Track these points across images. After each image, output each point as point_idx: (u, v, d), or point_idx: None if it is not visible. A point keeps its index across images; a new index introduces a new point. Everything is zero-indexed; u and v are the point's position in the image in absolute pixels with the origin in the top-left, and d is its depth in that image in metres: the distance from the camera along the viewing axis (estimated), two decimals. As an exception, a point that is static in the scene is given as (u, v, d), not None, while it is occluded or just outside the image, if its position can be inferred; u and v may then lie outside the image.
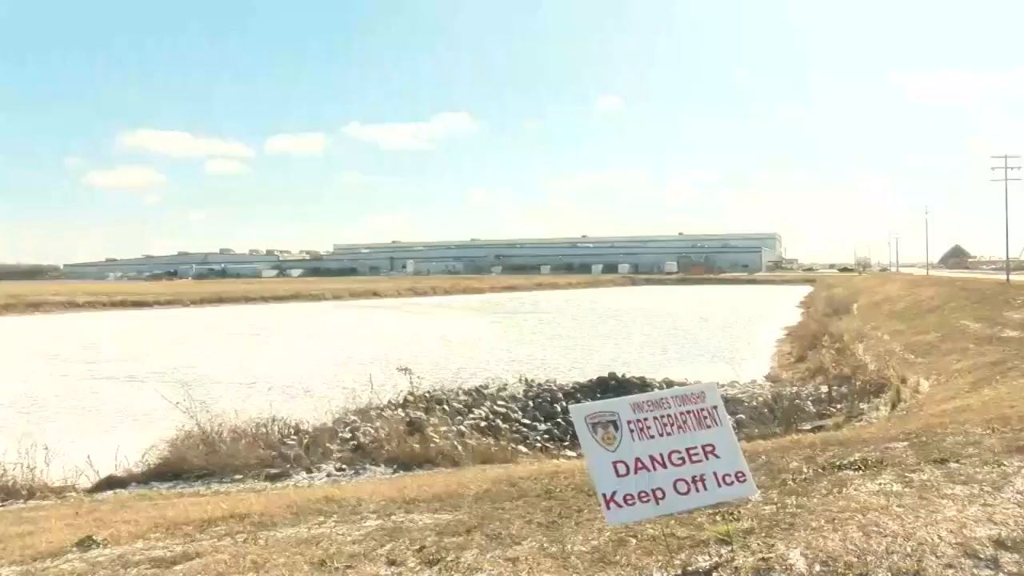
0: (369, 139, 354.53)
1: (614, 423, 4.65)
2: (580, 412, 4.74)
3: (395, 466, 13.58)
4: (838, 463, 6.50)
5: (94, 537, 6.18)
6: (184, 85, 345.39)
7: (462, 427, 15.11)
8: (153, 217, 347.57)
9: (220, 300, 78.55)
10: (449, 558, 4.84)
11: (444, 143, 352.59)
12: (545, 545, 4.97)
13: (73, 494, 12.13)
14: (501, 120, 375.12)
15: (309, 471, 13.48)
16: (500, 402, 18.26)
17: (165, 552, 5.63)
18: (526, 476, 7.76)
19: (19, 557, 5.97)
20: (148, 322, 55.32)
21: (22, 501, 11.48)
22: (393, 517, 6.19)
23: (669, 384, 19.95)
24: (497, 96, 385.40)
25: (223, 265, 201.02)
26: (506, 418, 17.05)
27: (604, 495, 4.43)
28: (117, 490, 12.51)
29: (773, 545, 4.59)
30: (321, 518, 6.40)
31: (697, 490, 4.57)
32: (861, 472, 6.17)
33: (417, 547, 5.13)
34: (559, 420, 17.13)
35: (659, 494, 4.49)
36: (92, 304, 71.18)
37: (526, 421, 17.30)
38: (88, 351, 36.02)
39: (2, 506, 11.14)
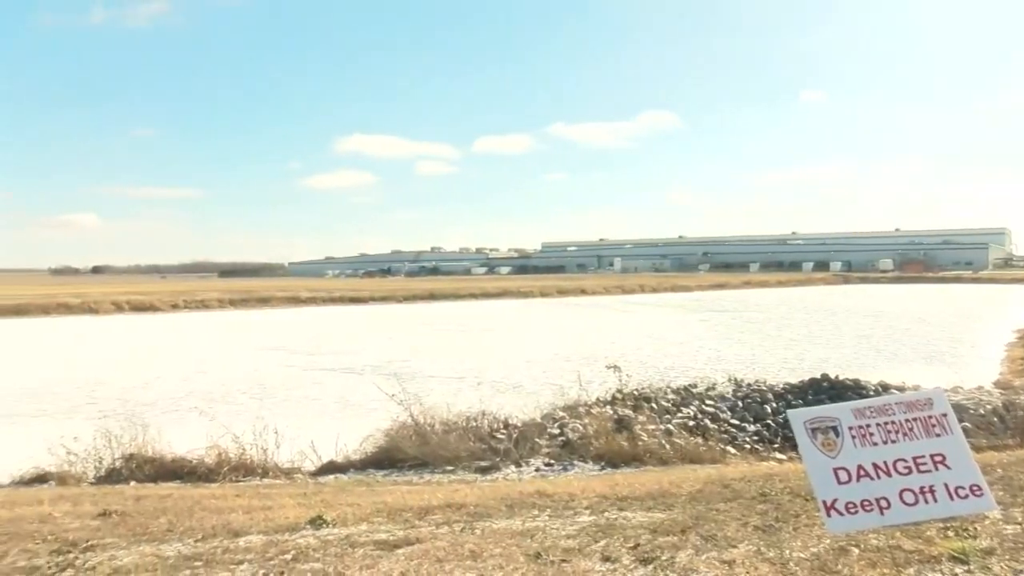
0: (572, 138, 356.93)
1: (835, 428, 4.49)
2: (799, 417, 4.60)
3: (602, 463, 13.59)
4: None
5: (324, 516, 6.57)
6: (395, 91, 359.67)
7: (670, 426, 14.95)
8: (367, 217, 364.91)
9: (431, 297, 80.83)
10: (663, 557, 4.81)
11: (647, 140, 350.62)
12: (762, 549, 4.86)
13: (299, 476, 12.82)
14: (704, 116, 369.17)
15: (518, 465, 13.67)
16: (709, 401, 17.92)
17: (388, 536, 5.89)
18: (738, 477, 7.62)
19: (263, 528, 6.49)
20: (364, 317, 57.83)
21: (258, 478, 12.28)
22: (606, 514, 6.22)
23: (885, 387, 18.99)
24: (699, 92, 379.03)
25: (434, 263, 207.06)
26: (715, 418, 16.72)
27: (824, 502, 4.28)
28: (337, 475, 13.09)
29: (1022, 571, 4.27)
30: (535, 511, 6.51)
31: (926, 501, 4.33)
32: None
33: (631, 545, 5.13)
34: (769, 422, 16.63)
35: (883, 504, 4.29)
36: (313, 299, 75.17)
37: (735, 421, 16.90)
38: (310, 343, 38.03)
39: (243, 481, 11.96)
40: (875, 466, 4.39)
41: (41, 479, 12.42)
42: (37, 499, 9.18)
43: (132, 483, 12.04)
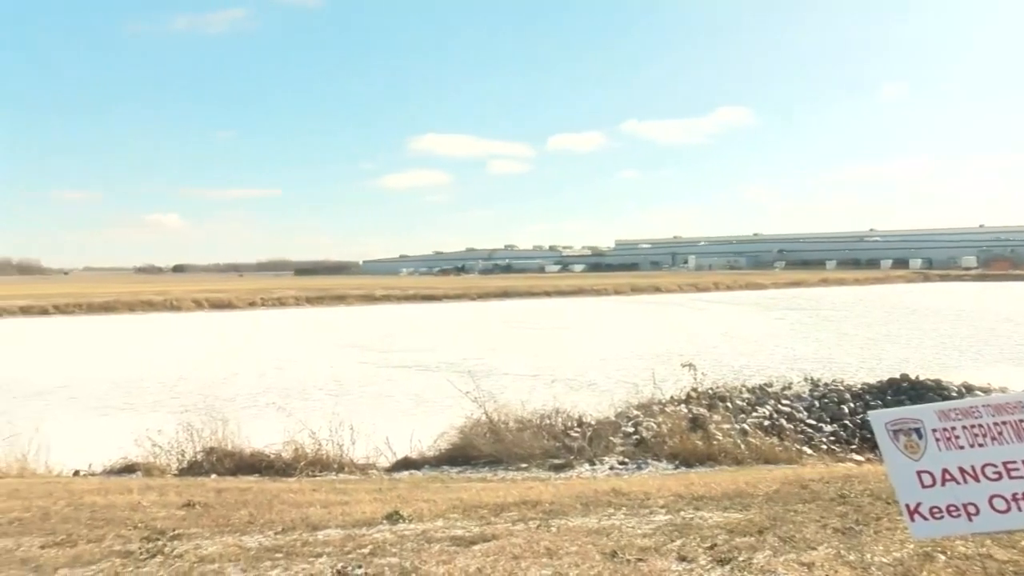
0: (645, 135, 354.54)
1: (917, 431, 4.37)
2: (880, 418, 4.50)
3: (677, 462, 13.48)
4: None
5: (400, 512, 6.65)
6: (467, 90, 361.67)
7: (745, 425, 14.78)
8: (441, 215, 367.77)
9: (505, 294, 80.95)
10: (741, 558, 4.76)
11: (721, 136, 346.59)
12: (842, 552, 4.78)
13: (374, 471, 12.96)
14: (780, 111, 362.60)
15: (592, 463, 13.63)
16: (784, 401, 17.69)
17: (463, 532, 5.94)
18: (816, 478, 7.51)
19: (341, 522, 6.61)
20: (438, 315, 58.25)
21: (334, 473, 12.46)
22: (682, 513, 6.18)
23: (969, 389, 18.50)
24: (775, 87, 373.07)
25: (508, 261, 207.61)
26: (791, 418, 16.49)
27: (907, 506, 4.18)
28: (412, 471, 13.18)
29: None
30: (610, 510, 6.50)
31: (1019, 509, 4.19)
32: None
33: (708, 545, 5.09)
34: (846, 422, 16.34)
35: (971, 510, 4.16)
36: (387, 297, 76.04)
37: (811, 421, 16.63)
38: (384, 341, 38.45)
39: (319, 476, 12.15)
40: (961, 470, 4.26)
41: (129, 469, 12.80)
42: (127, 488, 9.47)
43: (213, 476, 12.31)
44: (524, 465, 13.35)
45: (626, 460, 13.83)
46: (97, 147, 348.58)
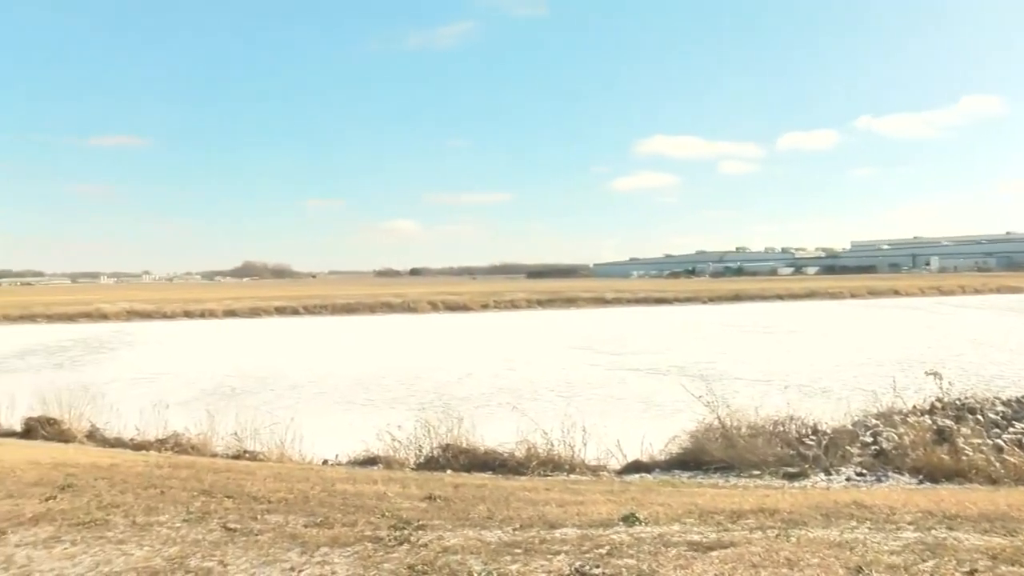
0: (881, 131, 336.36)
1: None
2: None
3: (920, 476, 12.77)
4: None
5: (636, 514, 6.69)
6: (694, 91, 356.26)
7: (1000, 441, 13.77)
8: (671, 218, 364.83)
9: (736, 297, 79.48)
10: (1006, 588, 4.45)
11: (967, 129, 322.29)
12: None
13: (605, 473, 13.05)
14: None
15: (827, 473, 13.17)
16: (1050, 417, 16.35)
17: (700, 537, 5.90)
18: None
19: (577, 522, 6.75)
20: (668, 318, 57.86)
21: (565, 474, 12.65)
22: (933, 532, 5.85)
23: None
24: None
25: (739, 263, 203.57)
26: (1058, 436, 15.23)
27: None
28: (643, 474, 13.18)
29: None
30: (852, 523, 6.26)
31: None
32: None
33: (966, 569, 4.76)
34: None
35: None
36: (617, 300, 76.46)
37: (1085, 442, 15.30)
38: (615, 343, 38.58)
39: (551, 476, 12.39)
40: None
41: (371, 461, 13.56)
42: (372, 479, 10.06)
43: (448, 471, 12.80)
44: (756, 472, 13.09)
45: (864, 471, 13.28)
46: (344, 160, 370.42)
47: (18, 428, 16.11)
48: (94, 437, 15.57)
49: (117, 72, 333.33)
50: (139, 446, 14.64)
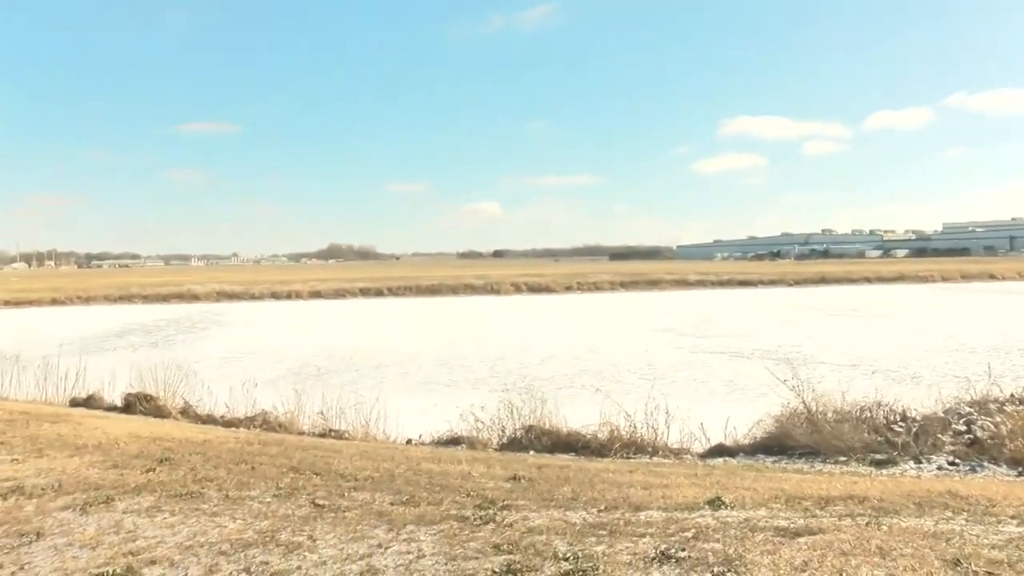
0: (976, 109, 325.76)
1: None
2: None
3: (1019, 468, 12.38)
4: None
5: (722, 498, 6.64)
6: (779, 70, 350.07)
7: (1108, 433, 13.29)
8: (755, 199, 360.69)
9: (822, 280, 77.99)
10: None
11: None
12: None
13: (688, 456, 12.98)
14: None
15: (917, 461, 12.87)
16: None
17: (787, 523, 5.82)
18: None
19: (662, 505, 6.73)
20: (753, 301, 57.09)
21: (647, 456, 12.62)
22: (1039, 527, 5.66)
23: None
24: None
25: (825, 245, 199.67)
26: None
27: None
28: (726, 458, 13.07)
29: None
30: (948, 513, 6.10)
31: None
32: None
33: (1077, 569, 4.59)
34: None
35: None
36: (701, 283, 75.86)
37: None
38: (698, 326, 38.25)
39: (633, 458, 12.38)
40: None
41: (455, 441, 13.71)
42: (456, 459, 10.16)
43: (531, 452, 12.88)
44: (843, 458, 12.88)
45: (957, 461, 12.94)
46: (428, 144, 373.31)
47: (119, 403, 16.70)
48: (187, 413, 16.05)
49: (210, 63, 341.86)
50: (229, 423, 15.05)
